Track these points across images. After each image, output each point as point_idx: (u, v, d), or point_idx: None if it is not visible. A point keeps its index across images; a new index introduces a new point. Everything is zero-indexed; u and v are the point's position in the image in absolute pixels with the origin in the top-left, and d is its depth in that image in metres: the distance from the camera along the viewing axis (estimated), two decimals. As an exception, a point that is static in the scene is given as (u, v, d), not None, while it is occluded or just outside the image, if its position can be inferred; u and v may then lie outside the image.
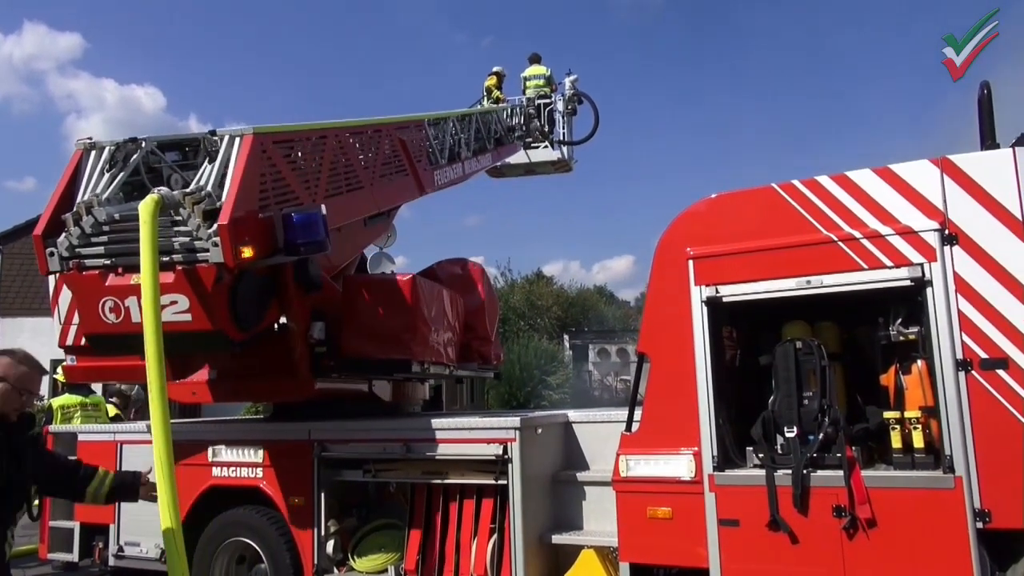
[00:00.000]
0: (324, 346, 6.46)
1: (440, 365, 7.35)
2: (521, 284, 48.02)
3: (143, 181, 5.49)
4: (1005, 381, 4.29)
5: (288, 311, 6.15)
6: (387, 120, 7.90)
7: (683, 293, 5.16)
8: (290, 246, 5.40)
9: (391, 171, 7.79)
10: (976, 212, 4.47)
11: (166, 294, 4.97)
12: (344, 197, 6.74)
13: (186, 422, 8.36)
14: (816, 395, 4.79)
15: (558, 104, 13.76)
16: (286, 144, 5.93)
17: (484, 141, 11.08)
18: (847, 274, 4.73)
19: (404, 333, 6.60)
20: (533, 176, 14.30)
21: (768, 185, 5.10)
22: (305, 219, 5.45)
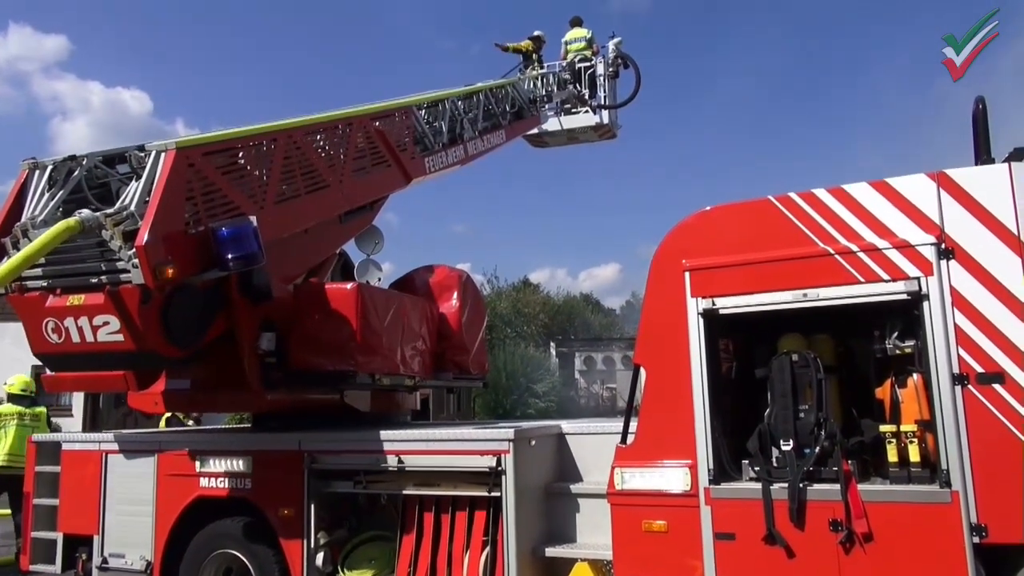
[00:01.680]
0: (274, 357, 6.30)
1: (397, 376, 7.06)
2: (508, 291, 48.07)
3: (87, 198, 5.47)
4: (1001, 396, 4.30)
5: (235, 323, 6.01)
6: (359, 111, 7.58)
7: (679, 305, 5.14)
8: (220, 261, 5.32)
9: (367, 164, 7.55)
10: (973, 226, 4.49)
11: (98, 315, 5.12)
12: (304, 200, 6.57)
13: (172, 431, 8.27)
14: (812, 408, 4.78)
15: (599, 67, 13.12)
16: (223, 153, 5.79)
17: (497, 117, 10.66)
18: (844, 287, 4.73)
19: (349, 343, 6.34)
20: (576, 144, 13.68)
21: (764, 197, 5.10)
22: (234, 233, 5.33)
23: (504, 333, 42.28)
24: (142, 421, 14.63)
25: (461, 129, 9.58)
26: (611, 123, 13.18)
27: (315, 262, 7.43)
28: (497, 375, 33.23)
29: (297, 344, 6.35)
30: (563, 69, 13.09)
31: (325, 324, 6.32)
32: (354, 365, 6.33)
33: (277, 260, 6.18)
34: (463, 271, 8.37)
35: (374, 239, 8.67)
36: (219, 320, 5.86)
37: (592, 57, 13.19)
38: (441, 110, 9.18)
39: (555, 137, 13.24)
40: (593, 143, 13.79)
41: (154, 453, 7.01)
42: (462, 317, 7.88)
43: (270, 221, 6.02)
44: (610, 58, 13.16)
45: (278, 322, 6.30)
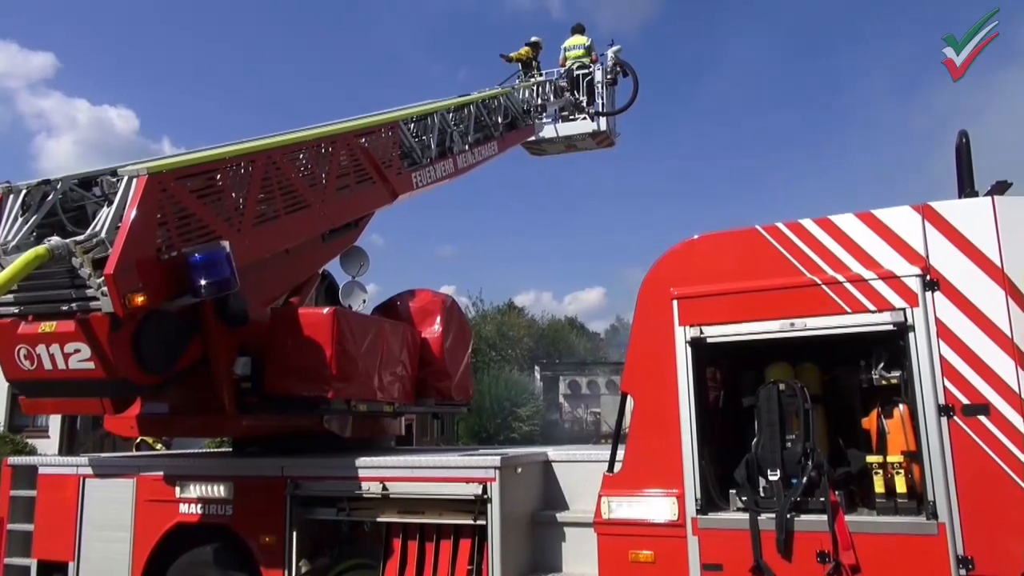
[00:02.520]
0: (249, 382, 6.22)
1: (375, 403, 6.95)
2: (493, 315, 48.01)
3: (62, 222, 5.43)
4: (987, 428, 4.32)
5: (210, 347, 5.93)
6: (343, 128, 7.49)
7: (667, 333, 5.14)
8: (192, 288, 5.26)
9: (351, 182, 7.47)
10: (957, 258, 4.53)
11: (69, 343, 5.07)
12: (283, 220, 6.50)
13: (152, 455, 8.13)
14: (799, 438, 4.78)
15: (596, 74, 13.20)
16: (199, 176, 5.74)
17: (489, 128, 10.57)
18: (830, 317, 4.76)
19: (323, 369, 6.24)
20: (575, 152, 13.65)
21: (752, 227, 5.14)
22: (207, 259, 5.27)
23: (489, 356, 42.17)
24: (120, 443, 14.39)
25: (451, 142, 9.46)
26: (609, 130, 13.20)
27: (296, 282, 7.35)
28: (481, 399, 33.05)
29: (272, 369, 6.26)
30: (561, 76, 13.11)
31: (300, 349, 6.23)
32: (329, 391, 6.22)
33: (255, 282, 6.13)
34: (447, 296, 8.28)
35: (359, 261, 8.58)
36: (194, 345, 5.78)
37: (590, 64, 13.25)
38: (430, 123, 9.07)
39: (553, 144, 13.20)
40: (591, 151, 13.78)
41: (133, 478, 6.90)
42: (445, 342, 7.79)
43: (247, 244, 5.97)
44: (608, 65, 13.24)
45: (254, 346, 6.22)
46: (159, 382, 5.51)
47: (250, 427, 6.49)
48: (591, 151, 13.79)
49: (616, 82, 13.41)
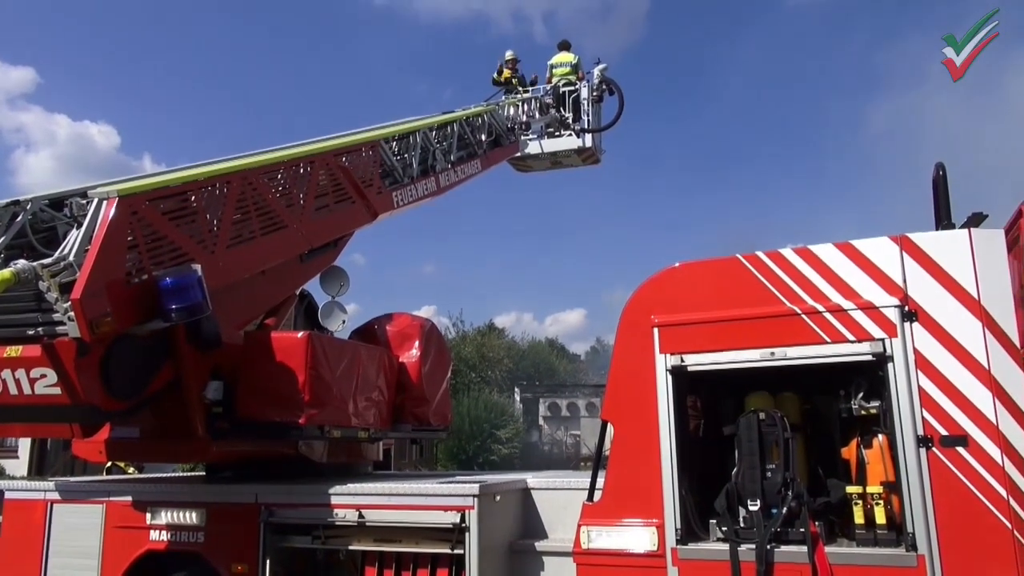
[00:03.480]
0: (221, 407, 6.09)
1: (349, 428, 6.80)
2: (473, 336, 47.86)
3: (31, 243, 5.34)
4: (965, 459, 4.33)
5: (181, 372, 5.82)
6: (322, 148, 7.43)
7: (648, 361, 5.12)
8: (162, 312, 5.18)
9: (330, 202, 7.40)
10: (935, 290, 4.56)
11: (35, 368, 4.96)
12: (259, 242, 6.42)
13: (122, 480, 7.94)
14: (779, 467, 4.77)
15: (582, 91, 13.21)
16: (172, 198, 5.67)
17: (473, 146, 10.55)
18: (810, 347, 4.76)
19: (296, 394, 6.11)
20: (560, 168, 13.67)
21: (733, 256, 5.15)
22: (177, 283, 5.20)
23: (469, 378, 41.99)
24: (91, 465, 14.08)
25: (433, 160, 9.40)
26: (594, 147, 13.25)
27: (273, 303, 7.26)
28: (461, 421, 32.84)
29: (244, 393, 6.14)
30: (547, 93, 13.15)
31: (273, 374, 6.12)
32: (302, 416, 6.09)
33: (229, 304, 6.05)
34: (426, 320, 8.19)
35: (339, 281, 8.48)
36: (165, 369, 5.68)
37: (577, 82, 13.31)
38: (412, 142, 9.02)
39: (539, 161, 13.23)
40: (577, 168, 13.82)
41: (102, 503, 6.74)
42: (423, 367, 7.69)
43: (221, 266, 5.90)
44: (595, 83, 13.30)
45: (227, 370, 6.11)
46: (128, 407, 5.39)
47: (221, 453, 6.35)
48: (577, 168, 13.87)
49: (602, 99, 13.49)
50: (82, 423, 5.56)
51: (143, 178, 5.97)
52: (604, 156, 13.91)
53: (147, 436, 6.52)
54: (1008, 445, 4.29)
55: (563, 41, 14.05)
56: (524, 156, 12.76)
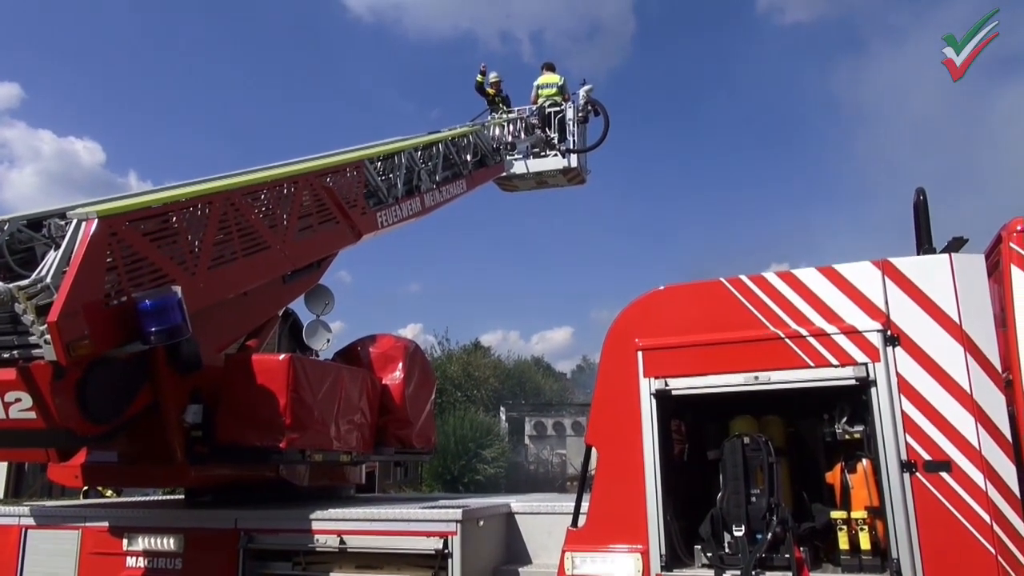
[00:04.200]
0: (200, 430, 6.01)
1: (331, 452, 6.73)
2: (459, 354, 47.68)
3: (8, 263, 5.28)
4: (949, 484, 4.32)
5: (160, 395, 5.74)
6: (306, 168, 7.39)
7: (632, 385, 5.09)
8: (141, 335, 5.11)
9: (313, 222, 7.36)
10: (917, 314, 4.58)
11: (10, 391, 4.88)
12: (241, 263, 6.37)
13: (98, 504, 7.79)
14: (764, 492, 4.73)
15: (568, 112, 13.35)
16: (154, 219, 5.62)
17: (458, 166, 10.55)
18: (794, 371, 4.75)
19: (278, 418, 6.04)
20: (546, 188, 13.76)
21: (717, 279, 5.15)
22: (157, 305, 5.13)
23: (454, 397, 41.78)
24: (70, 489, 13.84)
25: (418, 180, 9.38)
26: (580, 167, 13.32)
27: (255, 325, 7.19)
28: (446, 440, 32.62)
29: (224, 417, 6.06)
30: (533, 113, 13.24)
31: (254, 397, 6.04)
32: (282, 441, 6.02)
33: (210, 326, 5.98)
34: (410, 341, 8.15)
35: (324, 300, 8.42)
36: (143, 392, 5.59)
37: (562, 102, 13.41)
38: (397, 162, 9.00)
39: (524, 180, 13.29)
40: (563, 187, 13.88)
41: (78, 529, 6.60)
42: (407, 389, 7.63)
43: (202, 287, 5.83)
44: (580, 104, 13.43)
45: (207, 393, 6.03)
46: (105, 432, 5.31)
47: (200, 477, 6.26)
48: (562, 188, 13.94)
49: (587, 120, 13.64)
50: (58, 448, 5.46)
51: (124, 198, 5.91)
52: (589, 176, 14.03)
53: (125, 460, 6.42)
54: (991, 470, 4.29)
55: (548, 63, 14.22)
56: (510, 176, 12.84)
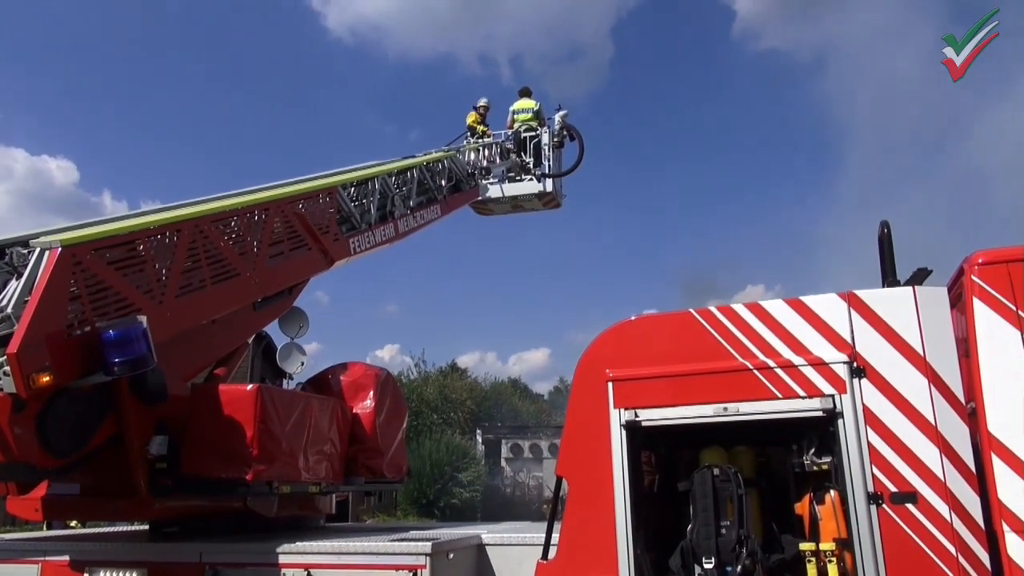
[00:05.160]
0: (165, 462, 5.88)
1: (299, 484, 6.62)
2: (435, 376, 47.40)
3: None
4: (915, 516, 4.35)
5: (124, 426, 5.63)
6: (278, 195, 7.33)
7: (602, 416, 5.08)
8: (105, 366, 5.03)
9: (284, 249, 7.31)
10: (882, 346, 4.63)
11: None
12: (210, 291, 6.29)
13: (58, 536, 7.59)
14: (734, 524, 4.73)
15: (543, 137, 13.45)
16: (119, 247, 5.55)
17: (432, 191, 10.54)
18: (762, 402, 4.77)
19: (245, 450, 5.92)
20: (522, 212, 13.82)
21: (686, 310, 5.18)
22: (121, 335, 5.06)
23: (430, 420, 41.45)
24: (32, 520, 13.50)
25: (392, 206, 9.36)
26: (555, 192, 13.41)
27: (223, 353, 7.10)
28: (422, 464, 32.30)
29: (190, 448, 5.94)
30: (508, 138, 13.33)
31: (220, 428, 5.92)
32: (249, 473, 5.90)
33: (177, 355, 5.89)
34: (381, 369, 8.07)
35: (298, 322, 8.33)
36: (106, 424, 5.48)
37: (538, 127, 13.52)
38: (371, 187, 8.97)
39: (500, 204, 13.33)
40: (538, 211, 13.96)
41: (37, 563, 6.41)
42: (378, 418, 7.52)
43: (169, 316, 5.75)
44: (556, 129, 13.53)
45: (172, 424, 5.91)
46: (66, 465, 5.19)
47: (164, 510, 6.12)
48: (538, 212, 14.03)
49: (563, 145, 13.76)
50: (16, 481, 5.33)
51: (90, 225, 5.84)
52: (565, 200, 14.11)
53: (87, 493, 6.26)
54: (956, 502, 4.33)
55: (524, 87, 14.35)
56: (485, 200, 12.89)
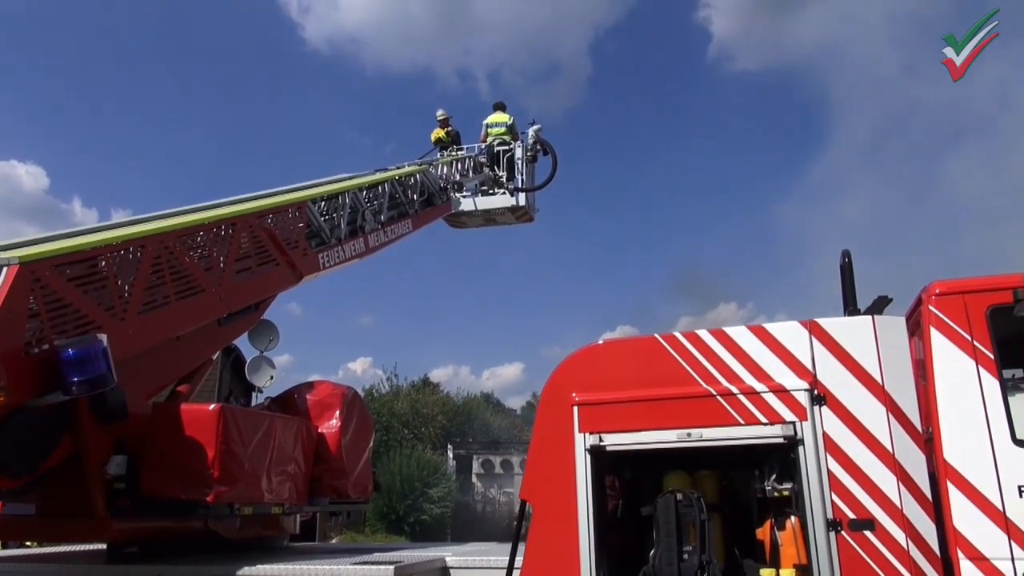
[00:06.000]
0: (124, 482, 5.74)
1: (261, 505, 6.48)
2: (407, 391, 47.12)
3: None
4: (872, 543, 4.40)
5: (82, 445, 5.50)
6: (246, 210, 7.23)
7: (567, 440, 5.09)
8: (63, 385, 4.92)
9: (252, 264, 7.21)
10: (841, 374, 4.70)
11: None
12: (174, 307, 6.18)
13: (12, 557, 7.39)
14: (696, 549, 4.75)
15: (516, 151, 13.51)
16: (81, 263, 5.45)
17: (404, 206, 10.49)
18: (725, 428, 4.81)
19: (206, 471, 5.80)
20: (494, 226, 13.85)
21: (651, 335, 5.22)
22: (80, 354, 4.95)
23: (401, 435, 41.18)
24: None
25: (362, 220, 9.29)
26: (528, 206, 13.46)
27: (187, 370, 6.99)
28: (392, 480, 32.07)
29: (150, 469, 5.81)
30: (481, 152, 13.36)
31: (181, 448, 5.81)
32: (210, 494, 5.78)
33: (139, 372, 5.77)
34: (348, 388, 7.98)
35: (268, 335, 8.21)
36: (64, 443, 5.34)
37: (511, 142, 13.58)
38: (341, 202, 8.91)
39: (472, 218, 13.34)
40: (511, 225, 14.00)
41: (-12, 586, 6.25)
42: (343, 438, 7.43)
43: (131, 333, 5.65)
44: (529, 143, 13.62)
45: (132, 443, 5.79)
46: (21, 485, 5.05)
47: (122, 531, 5.97)
48: (511, 226, 14.09)
49: (536, 159, 13.84)
50: None
51: (51, 240, 5.72)
52: (538, 214, 14.20)
53: (43, 513, 6.09)
54: (912, 529, 4.39)
55: (499, 102, 14.43)
56: (458, 213, 12.92)
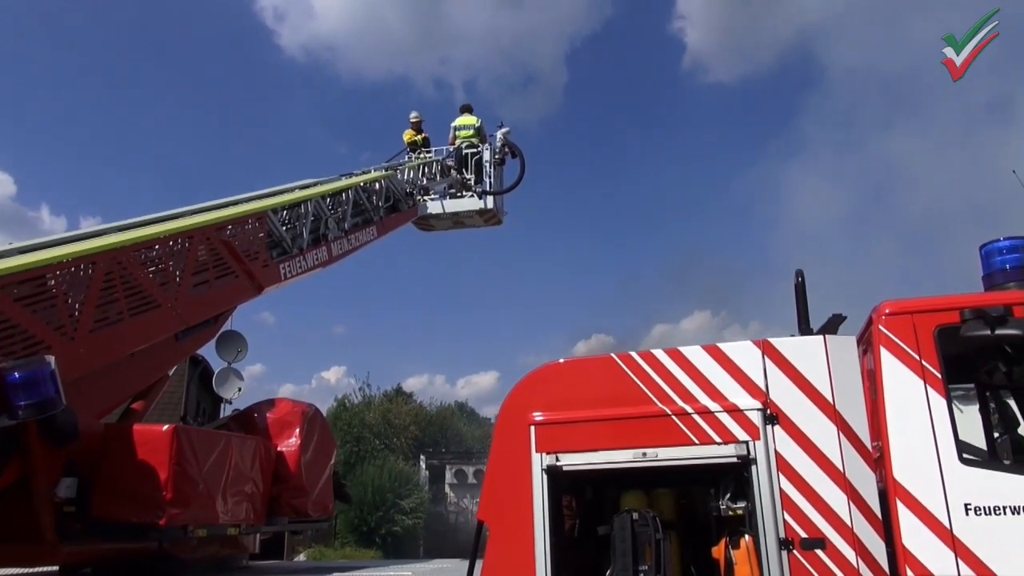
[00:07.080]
0: (74, 506, 5.68)
1: (216, 527, 6.42)
2: (379, 401, 46.79)
3: None
4: (824, 562, 4.44)
5: (30, 468, 5.42)
6: (203, 222, 7.18)
7: (524, 460, 5.08)
8: (9, 409, 4.86)
9: (210, 277, 7.17)
10: (794, 394, 4.75)
11: None
12: (127, 324, 6.13)
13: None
14: (651, 568, 4.76)
15: (484, 154, 13.49)
16: (28, 283, 5.38)
17: (369, 212, 10.45)
18: (680, 448, 4.84)
19: (158, 493, 5.74)
20: (463, 229, 13.84)
21: (608, 355, 5.24)
22: (27, 377, 4.88)
23: (373, 445, 40.88)
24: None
25: (326, 229, 9.23)
26: (496, 208, 13.49)
27: (141, 387, 6.90)
28: (363, 491, 31.80)
29: (101, 491, 5.74)
30: (449, 155, 13.36)
31: (133, 470, 5.74)
32: (163, 517, 5.72)
33: (91, 391, 5.70)
34: (309, 406, 7.92)
35: (236, 346, 8.13)
36: (12, 466, 5.26)
37: (479, 144, 13.58)
38: (303, 211, 8.84)
39: (441, 220, 13.33)
40: (480, 228, 14.01)
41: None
42: (303, 456, 7.37)
43: (83, 352, 5.57)
44: (497, 146, 13.65)
45: (83, 464, 5.71)
46: None
47: (72, 555, 5.86)
48: (480, 228, 14.12)
49: (504, 162, 13.86)
50: None
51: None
52: (506, 218, 14.25)
53: None
54: (863, 548, 4.44)
55: (466, 104, 14.55)
56: (426, 216, 12.94)
